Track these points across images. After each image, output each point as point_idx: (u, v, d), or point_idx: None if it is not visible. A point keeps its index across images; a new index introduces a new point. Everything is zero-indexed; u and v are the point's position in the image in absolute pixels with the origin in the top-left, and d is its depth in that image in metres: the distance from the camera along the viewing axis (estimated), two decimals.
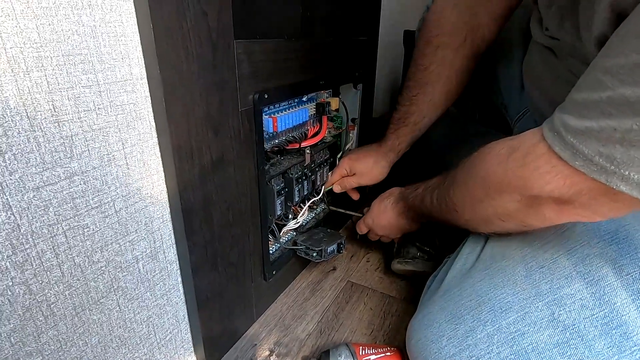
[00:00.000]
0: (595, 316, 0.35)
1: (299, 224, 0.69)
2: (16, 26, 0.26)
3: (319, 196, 0.72)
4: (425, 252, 0.68)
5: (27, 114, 0.28)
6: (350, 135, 0.78)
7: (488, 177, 0.40)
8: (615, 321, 0.34)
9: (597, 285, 0.35)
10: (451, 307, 0.43)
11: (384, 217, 0.66)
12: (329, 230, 0.71)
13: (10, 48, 0.26)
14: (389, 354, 0.50)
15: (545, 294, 0.37)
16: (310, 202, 0.70)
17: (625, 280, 0.35)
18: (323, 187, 0.73)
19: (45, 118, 0.29)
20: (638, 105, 0.26)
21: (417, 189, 0.58)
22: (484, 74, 0.69)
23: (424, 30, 0.62)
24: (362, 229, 0.71)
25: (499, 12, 0.58)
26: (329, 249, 0.64)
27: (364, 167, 0.71)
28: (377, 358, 0.49)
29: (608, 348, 0.33)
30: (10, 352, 0.31)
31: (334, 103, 0.66)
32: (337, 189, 0.74)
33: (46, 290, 0.32)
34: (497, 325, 0.38)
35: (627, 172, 0.28)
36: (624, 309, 0.34)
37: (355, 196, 0.78)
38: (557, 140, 0.32)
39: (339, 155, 0.77)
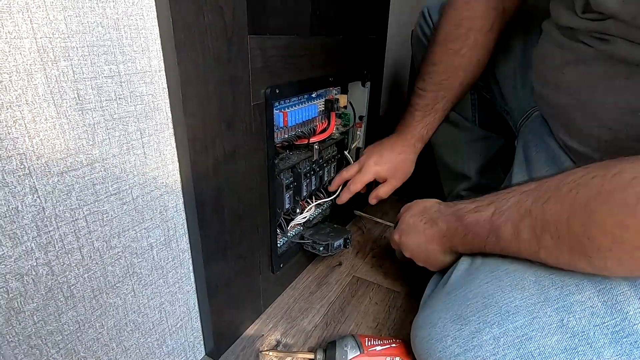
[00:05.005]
0: (606, 324, 0.34)
1: (306, 218, 0.70)
2: (46, 17, 0.28)
3: (335, 195, 0.73)
4: None
5: (54, 101, 0.30)
6: (358, 132, 0.79)
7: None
8: (627, 330, 0.33)
9: (609, 294, 0.35)
10: (456, 307, 0.42)
11: (413, 238, 0.54)
12: (335, 225, 0.72)
13: (40, 38, 0.28)
14: (394, 345, 0.51)
15: (555, 300, 0.37)
16: (320, 200, 0.71)
17: (638, 289, 0.34)
18: (340, 193, 0.71)
19: (70, 106, 0.31)
20: None
21: (468, 207, 0.45)
22: (484, 77, 0.69)
23: (452, 13, 0.60)
24: (393, 245, 0.60)
25: None
26: (336, 244, 0.65)
27: (392, 169, 0.68)
28: (382, 349, 0.50)
29: (617, 356, 0.32)
30: (33, 330, 0.32)
31: (343, 100, 0.67)
32: (373, 201, 0.71)
33: (67, 272, 0.34)
34: (504, 328, 0.37)
35: None
36: (637, 318, 0.33)
37: (362, 189, 0.76)
38: None
39: (346, 152, 0.78)
